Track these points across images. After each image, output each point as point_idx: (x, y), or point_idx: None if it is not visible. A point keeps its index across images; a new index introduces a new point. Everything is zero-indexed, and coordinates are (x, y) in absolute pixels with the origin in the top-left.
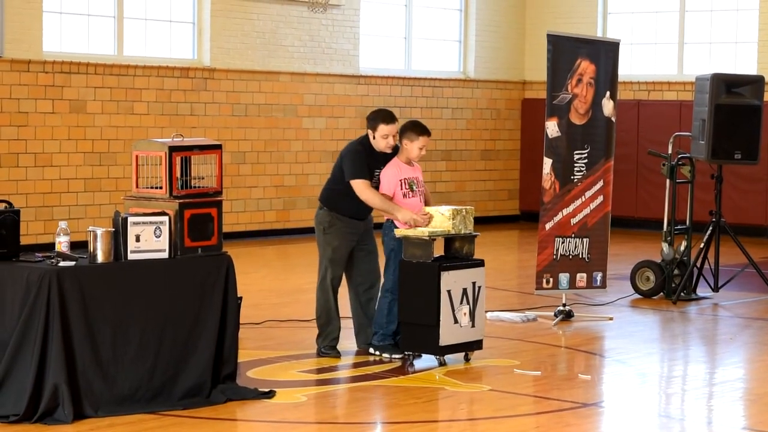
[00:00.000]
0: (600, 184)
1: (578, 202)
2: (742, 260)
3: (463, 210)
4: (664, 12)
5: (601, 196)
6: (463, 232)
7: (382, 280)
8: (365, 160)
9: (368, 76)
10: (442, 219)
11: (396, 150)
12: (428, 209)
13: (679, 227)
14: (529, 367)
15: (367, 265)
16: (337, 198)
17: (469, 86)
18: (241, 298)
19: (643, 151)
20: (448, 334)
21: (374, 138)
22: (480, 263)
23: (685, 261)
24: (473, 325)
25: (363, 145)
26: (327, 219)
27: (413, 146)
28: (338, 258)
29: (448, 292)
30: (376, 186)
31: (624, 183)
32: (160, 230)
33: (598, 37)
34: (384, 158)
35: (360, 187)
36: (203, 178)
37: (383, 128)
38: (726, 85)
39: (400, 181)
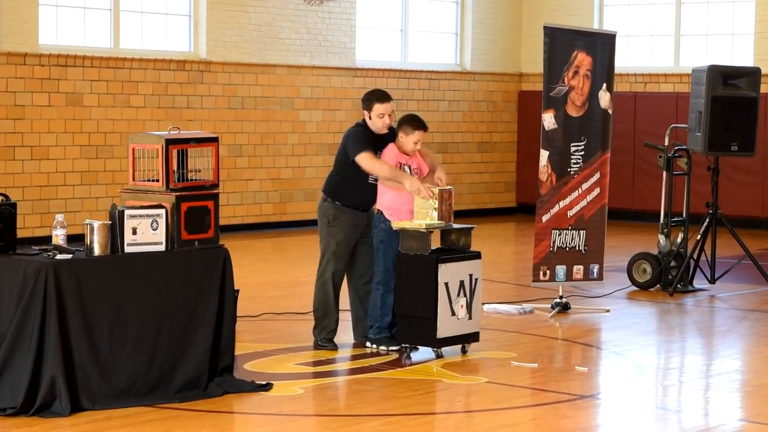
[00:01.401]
0: (597, 176)
1: (575, 194)
2: (738, 252)
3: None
4: (660, 4)
5: (598, 188)
6: (427, 224)
7: None
8: (367, 137)
9: (365, 69)
10: (427, 210)
11: (392, 131)
12: (435, 189)
13: (675, 219)
14: (526, 359)
15: (367, 258)
16: (341, 187)
17: (466, 78)
18: (237, 291)
19: (639, 143)
20: (445, 327)
21: (370, 118)
22: (477, 255)
23: (681, 253)
24: (470, 317)
25: (362, 126)
26: (331, 211)
27: (408, 140)
28: (341, 252)
29: (446, 284)
30: None
31: (621, 175)
32: (157, 223)
33: (595, 29)
34: (383, 142)
35: (365, 158)
36: (200, 171)
37: (378, 107)
38: (722, 76)
39: (399, 163)
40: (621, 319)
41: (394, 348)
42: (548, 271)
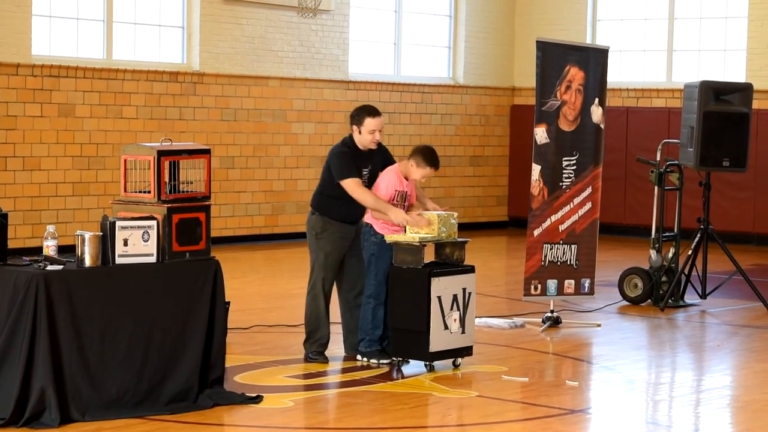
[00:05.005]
0: (588, 190)
1: (567, 208)
2: (729, 267)
3: (445, 214)
4: (653, 19)
5: (590, 203)
6: (443, 236)
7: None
8: (352, 159)
9: (357, 82)
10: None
11: (380, 147)
12: (425, 213)
13: (667, 234)
14: (516, 374)
15: (357, 270)
16: (329, 202)
17: (459, 92)
18: (228, 302)
19: (631, 158)
20: (438, 340)
21: (360, 133)
22: (470, 269)
23: (673, 268)
24: (463, 332)
25: (347, 146)
26: (319, 224)
27: (418, 171)
28: (331, 263)
29: (439, 298)
30: (366, 185)
31: (612, 190)
32: (148, 234)
33: (587, 43)
34: (369, 156)
35: (351, 186)
36: (192, 183)
37: (370, 122)
38: (714, 92)
39: (396, 191)
40: (612, 333)
41: (385, 361)
42: (539, 285)
